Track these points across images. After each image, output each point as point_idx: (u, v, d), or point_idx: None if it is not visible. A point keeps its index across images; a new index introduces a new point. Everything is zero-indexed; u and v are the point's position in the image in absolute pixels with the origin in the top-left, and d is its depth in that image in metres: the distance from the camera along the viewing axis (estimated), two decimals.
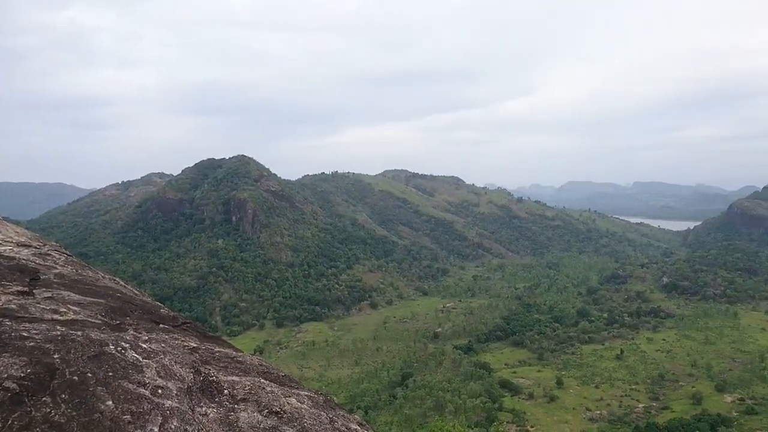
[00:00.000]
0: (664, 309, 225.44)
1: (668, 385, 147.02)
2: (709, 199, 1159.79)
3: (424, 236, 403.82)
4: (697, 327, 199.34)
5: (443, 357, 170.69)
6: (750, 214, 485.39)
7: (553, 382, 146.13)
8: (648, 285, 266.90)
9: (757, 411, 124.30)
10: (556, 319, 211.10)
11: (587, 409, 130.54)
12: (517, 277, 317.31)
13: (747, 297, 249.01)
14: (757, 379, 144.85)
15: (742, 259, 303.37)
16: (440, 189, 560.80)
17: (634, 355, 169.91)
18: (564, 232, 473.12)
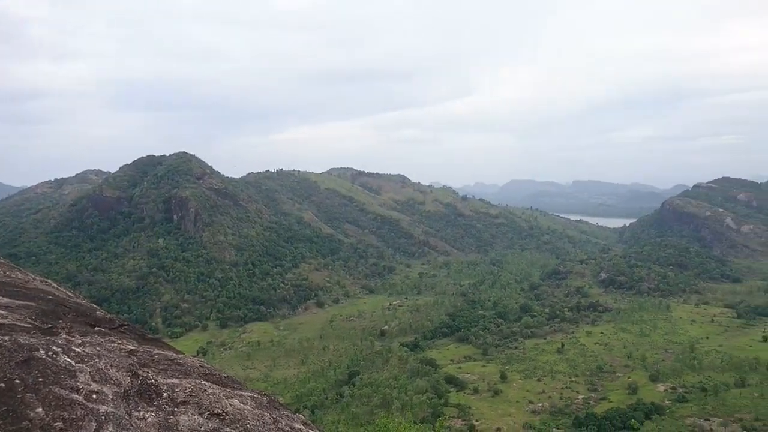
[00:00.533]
0: (602, 303, 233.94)
1: (606, 376, 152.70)
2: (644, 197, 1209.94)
3: (371, 234, 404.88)
4: (632, 320, 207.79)
5: (390, 354, 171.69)
6: (681, 212, 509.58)
7: (497, 376, 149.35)
8: (587, 280, 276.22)
9: (688, 399, 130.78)
10: (500, 315, 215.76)
11: (530, 401, 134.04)
12: (462, 274, 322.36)
13: (678, 290, 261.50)
14: (688, 369, 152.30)
15: (674, 254, 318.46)
16: (386, 187, 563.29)
17: (574, 349, 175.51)
18: (507, 230, 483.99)
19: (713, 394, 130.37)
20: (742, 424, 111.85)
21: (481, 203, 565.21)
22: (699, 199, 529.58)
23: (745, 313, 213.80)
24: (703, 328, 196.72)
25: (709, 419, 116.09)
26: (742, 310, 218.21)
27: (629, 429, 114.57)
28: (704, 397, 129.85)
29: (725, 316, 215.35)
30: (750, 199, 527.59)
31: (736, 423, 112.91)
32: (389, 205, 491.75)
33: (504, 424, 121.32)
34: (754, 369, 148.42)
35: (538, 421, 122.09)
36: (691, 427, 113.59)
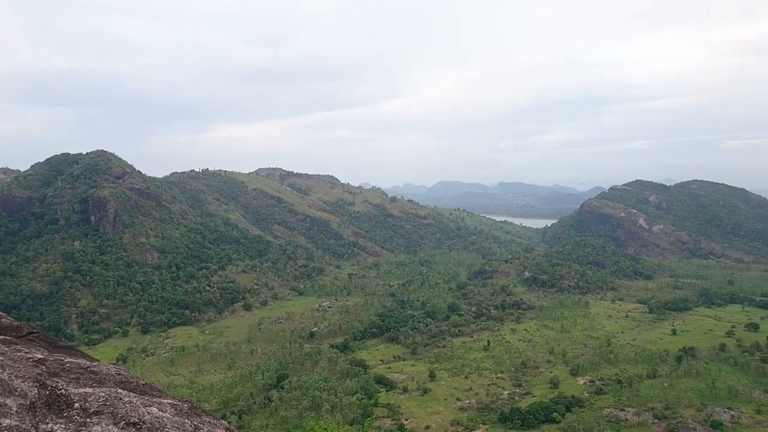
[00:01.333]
0: (526, 301, 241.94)
1: (530, 371, 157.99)
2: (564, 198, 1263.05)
3: (300, 235, 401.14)
4: (554, 317, 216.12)
5: (319, 356, 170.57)
6: (598, 213, 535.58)
7: (426, 375, 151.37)
8: (511, 279, 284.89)
9: (605, 391, 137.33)
10: (429, 314, 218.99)
11: (458, 399, 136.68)
12: (392, 275, 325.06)
13: (596, 288, 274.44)
14: (605, 362, 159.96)
15: (592, 253, 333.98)
16: (315, 188, 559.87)
17: (499, 346, 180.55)
18: (435, 230, 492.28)
19: (628, 386, 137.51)
20: (654, 413, 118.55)
21: (410, 204, 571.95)
22: (614, 201, 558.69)
23: (656, 308, 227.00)
24: (619, 324, 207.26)
25: (624, 409, 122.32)
26: (654, 305, 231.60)
27: (552, 422, 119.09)
28: (620, 389, 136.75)
29: (638, 311, 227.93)
30: (660, 201, 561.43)
31: (649, 412, 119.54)
32: (318, 206, 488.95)
33: (433, 422, 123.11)
34: (664, 361, 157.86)
35: (466, 418, 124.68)
36: (608, 417, 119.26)
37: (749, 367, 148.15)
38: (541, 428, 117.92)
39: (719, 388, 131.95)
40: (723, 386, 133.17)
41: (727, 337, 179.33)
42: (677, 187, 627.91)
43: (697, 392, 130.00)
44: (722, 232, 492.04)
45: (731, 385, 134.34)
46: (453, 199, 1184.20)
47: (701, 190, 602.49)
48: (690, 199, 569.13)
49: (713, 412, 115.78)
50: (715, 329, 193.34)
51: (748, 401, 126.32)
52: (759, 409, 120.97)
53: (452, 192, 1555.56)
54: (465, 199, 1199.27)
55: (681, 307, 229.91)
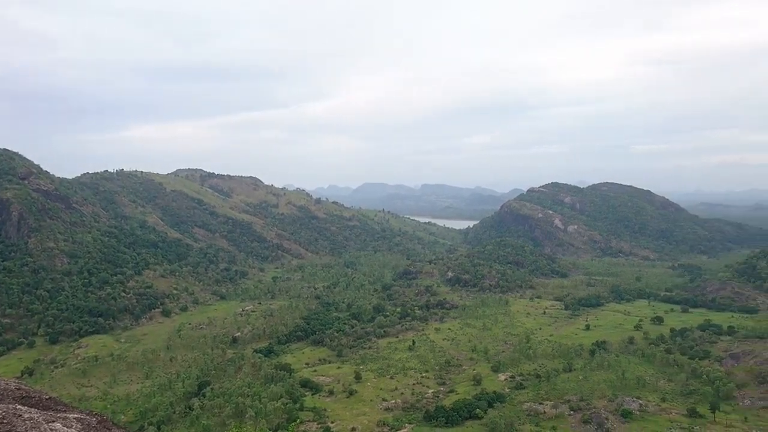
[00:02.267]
0: (449, 301, 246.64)
1: (453, 370, 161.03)
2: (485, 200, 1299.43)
3: (222, 238, 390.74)
4: (476, 315, 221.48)
5: (243, 362, 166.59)
6: (517, 214, 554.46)
7: (352, 377, 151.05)
8: (435, 279, 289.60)
9: (524, 386, 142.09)
10: (354, 316, 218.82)
11: (383, 399, 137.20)
12: (317, 277, 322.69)
13: (516, 286, 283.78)
14: (524, 358, 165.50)
15: (512, 253, 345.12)
16: (238, 189, 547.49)
17: (424, 345, 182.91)
18: (360, 232, 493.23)
19: (546, 380, 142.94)
20: (570, 405, 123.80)
21: (334, 206, 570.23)
22: (532, 202, 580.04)
23: (571, 305, 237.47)
24: (537, 320, 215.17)
25: (543, 403, 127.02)
26: (569, 302, 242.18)
27: (475, 418, 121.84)
28: (538, 383, 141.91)
29: (555, 308, 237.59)
30: (574, 202, 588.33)
31: (565, 404, 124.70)
32: (241, 208, 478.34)
33: (359, 423, 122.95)
34: (579, 355, 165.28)
35: (392, 418, 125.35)
36: (528, 411, 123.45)
37: (655, 358, 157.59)
38: (464, 425, 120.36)
39: (629, 379, 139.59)
40: (632, 377, 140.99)
41: (635, 331, 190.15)
42: (590, 189, 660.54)
43: (609, 383, 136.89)
44: (630, 231, 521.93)
45: (639, 375, 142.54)
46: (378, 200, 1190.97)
47: (611, 192, 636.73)
48: (601, 201, 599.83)
49: (623, 402, 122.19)
50: (624, 323, 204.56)
51: (655, 390, 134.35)
52: (664, 397, 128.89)
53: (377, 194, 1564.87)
54: (390, 201, 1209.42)
55: (594, 304, 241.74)
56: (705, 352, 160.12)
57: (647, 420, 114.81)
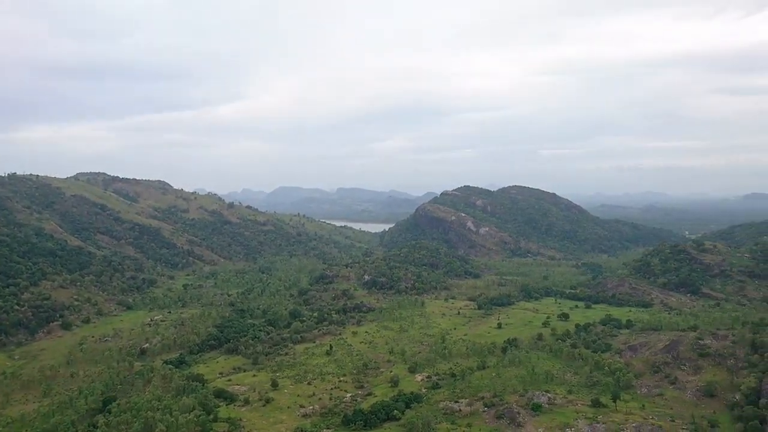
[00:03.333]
0: (366, 304, 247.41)
1: (371, 372, 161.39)
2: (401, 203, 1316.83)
3: (128, 245, 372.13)
4: (393, 318, 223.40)
5: (152, 374, 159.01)
6: (431, 216, 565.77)
7: (269, 384, 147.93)
8: (352, 283, 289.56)
9: (441, 385, 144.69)
10: (270, 323, 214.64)
11: (301, 406, 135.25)
12: (230, 283, 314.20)
13: (431, 288, 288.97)
14: (440, 358, 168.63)
15: (427, 255, 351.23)
16: (145, 194, 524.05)
17: (342, 349, 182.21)
18: (276, 236, 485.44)
19: (461, 378, 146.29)
20: (484, 402, 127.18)
21: (248, 210, 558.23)
22: (446, 205, 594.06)
23: (484, 304, 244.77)
24: (452, 320, 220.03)
25: (458, 401, 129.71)
26: (482, 302, 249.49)
27: (393, 419, 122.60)
28: (454, 382, 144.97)
29: (469, 308, 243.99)
30: (486, 205, 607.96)
31: (480, 401, 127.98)
32: (149, 213, 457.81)
33: (276, 431, 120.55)
34: (492, 352, 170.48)
35: (310, 424, 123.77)
36: (444, 410, 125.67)
37: (562, 353, 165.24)
38: (383, 427, 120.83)
39: (538, 374, 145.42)
40: (541, 372, 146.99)
41: (543, 327, 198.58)
42: (500, 192, 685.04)
43: (520, 379, 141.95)
44: (538, 232, 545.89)
45: (548, 370, 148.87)
46: (293, 204, 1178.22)
47: (520, 195, 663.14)
48: (511, 203, 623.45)
49: (534, 396, 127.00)
50: (533, 321, 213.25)
51: (562, 383, 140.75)
52: (570, 390, 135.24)
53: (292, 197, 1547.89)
54: (305, 205, 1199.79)
55: (505, 302, 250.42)
56: (606, 346, 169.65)
57: (555, 412, 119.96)
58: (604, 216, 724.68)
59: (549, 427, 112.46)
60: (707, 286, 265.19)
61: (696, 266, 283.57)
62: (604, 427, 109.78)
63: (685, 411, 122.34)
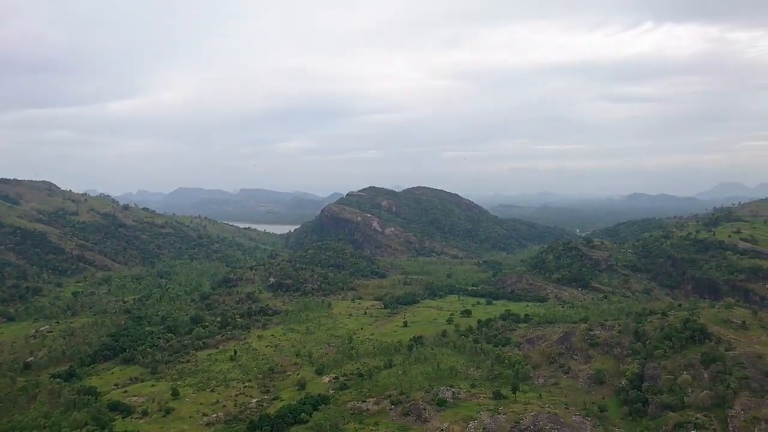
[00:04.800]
0: (272, 307, 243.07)
1: (277, 376, 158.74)
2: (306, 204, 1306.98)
3: (8, 251, 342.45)
4: (299, 320, 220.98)
5: (38, 389, 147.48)
6: (337, 217, 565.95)
7: (169, 394, 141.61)
8: (257, 286, 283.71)
9: (348, 385, 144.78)
10: (170, 329, 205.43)
11: (204, 414, 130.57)
12: (126, 290, 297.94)
13: (338, 289, 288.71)
14: (347, 358, 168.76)
15: (333, 256, 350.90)
16: (28, 195, 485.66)
17: (246, 354, 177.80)
18: (175, 239, 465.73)
19: (368, 378, 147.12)
20: (391, 400, 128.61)
21: (145, 212, 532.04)
22: (352, 206, 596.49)
23: (390, 303, 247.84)
24: (359, 321, 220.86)
25: (366, 400, 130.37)
26: (388, 301, 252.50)
27: (300, 423, 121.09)
28: (361, 382, 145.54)
29: (375, 308, 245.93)
30: (391, 206, 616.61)
31: (387, 400, 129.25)
32: (33, 217, 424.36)
33: None
34: (398, 351, 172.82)
35: None
36: (352, 410, 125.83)
37: (465, 349, 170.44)
38: (290, 430, 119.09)
39: (443, 370, 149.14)
40: (446, 368, 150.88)
41: (447, 324, 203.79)
42: (405, 193, 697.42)
43: (426, 376, 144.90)
44: (441, 232, 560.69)
45: (452, 365, 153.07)
46: (194, 206, 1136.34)
47: (424, 196, 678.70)
48: (415, 204, 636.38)
49: (439, 392, 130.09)
50: (438, 318, 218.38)
51: (465, 378, 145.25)
52: (473, 384, 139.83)
53: (193, 199, 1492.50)
54: (206, 206, 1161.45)
55: (410, 301, 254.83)
56: (506, 339, 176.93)
57: (459, 406, 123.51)
58: (502, 215, 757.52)
59: (453, 420, 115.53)
60: (596, 280, 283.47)
61: (586, 262, 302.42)
62: (504, 418, 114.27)
63: (578, 398, 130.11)
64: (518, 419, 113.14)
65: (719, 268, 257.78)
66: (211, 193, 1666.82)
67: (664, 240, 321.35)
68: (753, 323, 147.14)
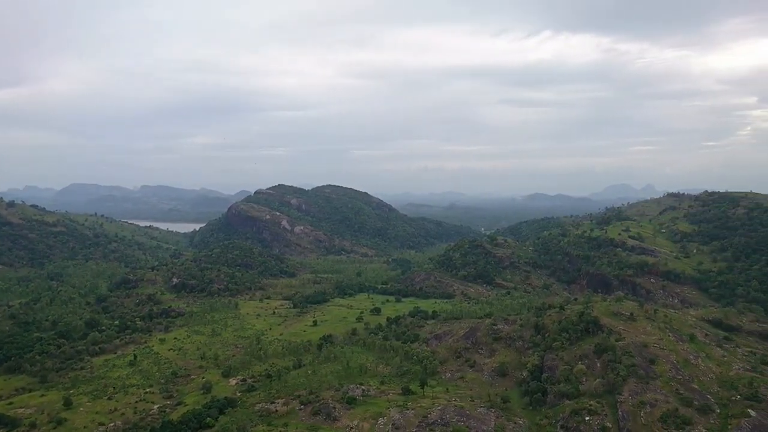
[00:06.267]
0: (175, 308, 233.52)
1: (181, 381, 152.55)
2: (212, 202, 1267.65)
3: None
4: (205, 321, 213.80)
5: None
6: (245, 216, 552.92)
7: (60, 404, 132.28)
8: (159, 287, 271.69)
9: (256, 387, 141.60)
10: (62, 335, 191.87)
11: (100, 423, 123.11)
12: (11, 293, 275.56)
13: (245, 289, 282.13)
14: (255, 360, 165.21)
15: (240, 255, 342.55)
16: None
17: (147, 359, 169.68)
18: (68, 239, 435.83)
19: (277, 379, 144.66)
20: (300, 400, 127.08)
21: (33, 210, 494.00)
22: (260, 204, 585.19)
23: (300, 303, 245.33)
24: (267, 321, 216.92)
25: (275, 402, 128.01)
26: (297, 300, 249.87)
27: (206, 427, 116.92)
28: (270, 383, 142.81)
29: (284, 307, 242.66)
30: (300, 204, 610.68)
31: (296, 400, 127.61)
32: None
33: None
34: (307, 350, 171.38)
35: None
36: (260, 412, 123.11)
37: (374, 346, 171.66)
38: None
39: (353, 368, 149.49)
40: (356, 365, 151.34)
41: (357, 322, 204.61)
42: (314, 191, 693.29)
43: (336, 374, 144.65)
44: (351, 230, 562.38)
45: (362, 363, 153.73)
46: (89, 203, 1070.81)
47: (334, 194, 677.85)
48: (325, 202, 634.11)
49: (348, 390, 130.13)
50: (348, 316, 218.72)
51: (375, 375, 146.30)
52: (383, 380, 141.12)
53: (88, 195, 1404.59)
54: (103, 204, 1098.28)
55: (320, 300, 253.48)
56: (415, 336, 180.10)
57: (369, 403, 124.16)
58: (411, 214, 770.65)
59: (363, 418, 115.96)
60: (500, 276, 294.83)
61: (490, 259, 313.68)
62: (413, 413, 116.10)
63: (482, 391, 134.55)
64: (426, 414, 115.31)
65: (610, 264, 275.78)
66: (108, 190, 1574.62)
67: (561, 238, 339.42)
68: (639, 315, 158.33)
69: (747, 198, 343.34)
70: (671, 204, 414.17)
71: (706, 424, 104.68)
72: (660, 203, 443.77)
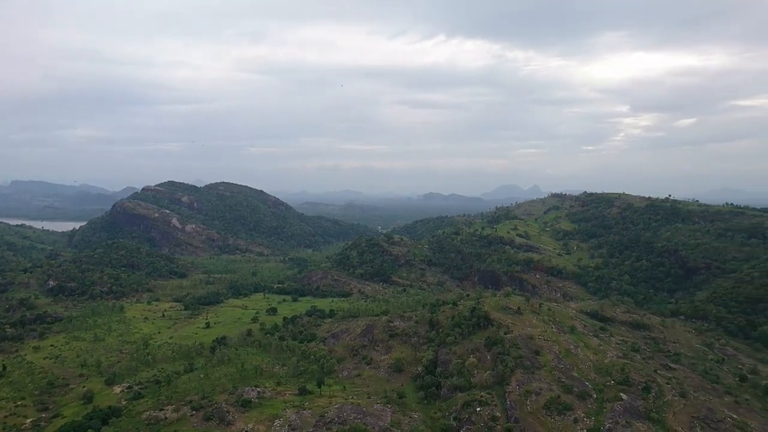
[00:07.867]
0: (52, 313, 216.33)
1: (58, 391, 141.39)
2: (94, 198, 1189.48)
3: None
4: (86, 327, 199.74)
5: None
6: (131, 213, 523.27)
7: None
8: (33, 291, 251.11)
9: (143, 394, 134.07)
10: None
11: None
12: None
13: (132, 291, 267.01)
14: (143, 365, 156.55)
15: (126, 255, 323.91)
16: None
17: (19, 369, 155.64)
18: None
19: (166, 384, 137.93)
20: (192, 405, 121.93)
21: None
22: (148, 201, 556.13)
23: (191, 304, 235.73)
24: (155, 324, 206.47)
25: (164, 408, 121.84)
26: (188, 302, 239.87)
27: None
28: (158, 389, 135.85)
29: (174, 309, 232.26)
30: (192, 201, 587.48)
31: (187, 405, 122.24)
32: None
33: None
34: (199, 353, 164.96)
35: None
36: (148, 420, 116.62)
37: (271, 347, 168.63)
38: None
39: (248, 370, 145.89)
40: (251, 367, 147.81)
41: (252, 323, 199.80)
42: (207, 189, 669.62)
43: (230, 377, 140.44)
44: (246, 229, 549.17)
45: (257, 365, 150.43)
46: None
47: (228, 192, 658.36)
48: (218, 200, 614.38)
49: (243, 392, 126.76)
50: (243, 317, 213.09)
51: (271, 376, 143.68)
52: (279, 381, 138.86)
53: None
54: None
55: (213, 301, 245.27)
56: (312, 335, 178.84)
57: (264, 405, 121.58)
58: (308, 213, 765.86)
59: (259, 420, 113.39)
60: (396, 274, 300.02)
61: (387, 257, 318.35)
62: (310, 413, 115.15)
63: (379, 387, 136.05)
64: (323, 413, 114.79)
65: (500, 261, 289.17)
66: None
67: (454, 236, 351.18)
68: (526, 309, 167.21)
69: (620, 198, 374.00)
70: (555, 204, 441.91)
71: (584, 409, 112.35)
72: (545, 203, 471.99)
